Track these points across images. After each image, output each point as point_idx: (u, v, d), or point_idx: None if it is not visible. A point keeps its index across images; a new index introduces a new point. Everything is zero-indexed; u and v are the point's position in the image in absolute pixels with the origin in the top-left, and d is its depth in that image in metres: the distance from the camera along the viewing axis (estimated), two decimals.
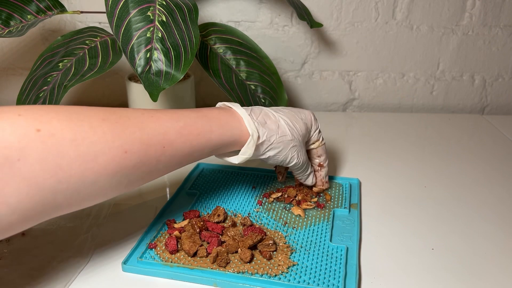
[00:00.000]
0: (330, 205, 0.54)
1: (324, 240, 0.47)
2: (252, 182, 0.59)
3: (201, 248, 0.44)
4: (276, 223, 0.50)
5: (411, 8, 0.82)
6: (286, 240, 0.47)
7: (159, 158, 0.39)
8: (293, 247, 0.46)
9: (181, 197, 0.56)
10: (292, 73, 0.88)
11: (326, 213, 0.52)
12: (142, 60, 0.51)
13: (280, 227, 0.49)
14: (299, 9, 0.71)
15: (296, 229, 0.49)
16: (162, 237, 0.47)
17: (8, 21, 0.58)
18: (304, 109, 0.51)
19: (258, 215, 0.52)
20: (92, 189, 0.35)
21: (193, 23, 0.54)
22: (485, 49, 0.86)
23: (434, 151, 0.72)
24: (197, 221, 0.47)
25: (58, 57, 0.60)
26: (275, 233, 0.48)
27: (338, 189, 0.58)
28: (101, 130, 0.35)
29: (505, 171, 0.65)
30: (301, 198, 0.54)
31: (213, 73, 0.63)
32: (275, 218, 0.51)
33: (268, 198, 0.55)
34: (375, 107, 0.92)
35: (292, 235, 0.48)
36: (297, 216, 0.51)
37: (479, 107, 0.92)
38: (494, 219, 0.53)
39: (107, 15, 0.52)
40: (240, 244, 0.44)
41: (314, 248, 0.46)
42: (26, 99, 0.59)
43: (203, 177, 0.60)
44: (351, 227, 0.50)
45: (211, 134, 0.42)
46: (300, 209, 0.52)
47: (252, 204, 0.54)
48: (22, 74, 0.86)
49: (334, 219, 0.51)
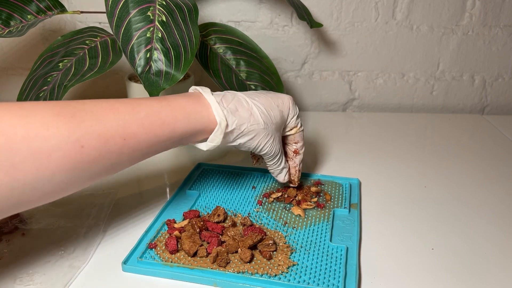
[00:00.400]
0: (330, 205, 0.54)
1: (324, 240, 0.47)
2: (252, 182, 0.60)
3: (201, 248, 0.44)
4: (276, 223, 0.50)
5: (411, 8, 0.82)
6: (286, 240, 0.47)
7: (122, 151, 0.38)
8: (293, 247, 0.46)
9: (181, 197, 0.56)
10: (292, 73, 0.88)
11: (326, 213, 0.52)
12: (142, 60, 0.51)
13: (280, 227, 0.49)
14: (299, 9, 0.71)
15: (296, 229, 0.49)
16: (162, 237, 0.47)
17: (8, 21, 0.58)
18: (283, 94, 0.50)
19: (258, 215, 0.52)
20: (49, 186, 0.34)
21: (193, 23, 0.54)
22: (485, 49, 0.86)
23: (434, 151, 0.72)
24: (197, 221, 0.47)
25: (58, 57, 0.60)
26: (275, 233, 0.48)
27: (338, 189, 0.58)
28: (55, 125, 0.34)
29: (505, 171, 0.65)
30: (301, 198, 0.54)
31: (213, 73, 0.63)
32: (275, 218, 0.51)
33: (268, 198, 0.55)
34: (375, 107, 0.92)
35: (292, 235, 0.48)
36: (297, 216, 0.51)
37: (479, 107, 0.92)
38: (494, 219, 0.53)
39: (107, 15, 0.52)
40: (240, 244, 0.44)
41: (314, 248, 0.46)
42: (26, 99, 0.59)
43: (203, 177, 0.60)
44: (351, 227, 0.50)
45: (175, 123, 0.41)
46: (300, 209, 0.52)
47: (252, 204, 0.54)
48: (22, 74, 0.86)
49: (334, 219, 0.51)
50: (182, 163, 0.67)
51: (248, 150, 0.47)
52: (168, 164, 0.66)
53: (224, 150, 0.71)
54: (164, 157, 0.68)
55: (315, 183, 0.59)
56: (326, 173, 0.63)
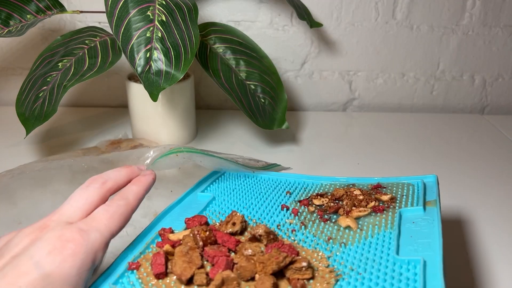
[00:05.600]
0: (394, 207, 0.39)
1: (388, 254, 0.32)
2: (287, 186, 0.46)
3: (199, 272, 0.30)
4: (317, 240, 0.36)
5: (411, 8, 0.82)
6: (330, 263, 0.32)
7: None
8: (339, 271, 0.31)
9: (189, 200, 0.43)
10: (292, 73, 0.88)
11: (389, 216, 0.37)
12: (142, 60, 0.51)
13: (322, 245, 0.35)
14: (299, 9, 0.71)
15: (346, 246, 0.34)
16: (151, 253, 0.34)
17: (8, 21, 0.58)
18: None
19: (290, 229, 0.37)
20: None
21: (193, 23, 0.54)
22: (485, 49, 0.86)
23: (434, 151, 0.72)
24: (202, 231, 0.33)
25: (58, 57, 0.60)
26: (314, 253, 0.34)
27: (407, 188, 0.42)
28: None
29: (505, 171, 0.65)
30: (350, 205, 0.40)
31: (213, 73, 0.63)
32: (315, 233, 0.37)
33: (308, 207, 0.41)
34: (375, 107, 0.91)
35: (339, 255, 0.33)
36: (346, 228, 0.37)
37: (479, 107, 0.92)
38: (494, 219, 0.53)
39: (107, 15, 0.52)
40: (259, 268, 0.30)
41: (372, 269, 0.31)
42: (25, 99, 0.59)
43: (224, 179, 0.48)
44: (429, 230, 0.34)
45: None
46: (350, 219, 0.38)
47: (284, 214, 0.40)
48: (21, 74, 0.86)
49: (402, 223, 0.36)
50: None
51: None
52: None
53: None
54: None
55: (374, 187, 0.43)
56: (326, 174, 0.63)
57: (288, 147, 0.71)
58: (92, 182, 0.33)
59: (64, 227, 0.29)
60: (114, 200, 0.32)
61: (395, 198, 0.40)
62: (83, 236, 0.28)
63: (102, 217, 0.31)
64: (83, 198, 0.31)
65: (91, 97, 0.88)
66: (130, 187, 0.34)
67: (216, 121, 0.81)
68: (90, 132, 0.75)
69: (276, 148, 0.71)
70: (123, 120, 0.80)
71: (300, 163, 0.66)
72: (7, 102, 0.87)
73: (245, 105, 0.63)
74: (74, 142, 0.71)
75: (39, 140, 0.71)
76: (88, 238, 0.29)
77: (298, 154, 0.69)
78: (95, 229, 0.29)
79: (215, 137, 0.74)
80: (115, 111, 0.84)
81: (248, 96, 0.64)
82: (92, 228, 0.29)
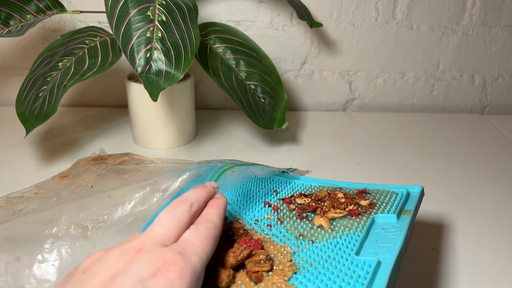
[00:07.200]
0: (370, 212, 0.40)
1: (348, 254, 0.34)
2: (276, 185, 0.47)
3: None
4: (289, 235, 0.37)
5: (411, 8, 0.82)
6: (293, 257, 0.34)
7: None
8: (299, 266, 0.33)
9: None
10: (292, 73, 0.88)
11: (363, 221, 0.38)
12: (142, 60, 0.51)
13: (291, 240, 0.37)
14: (299, 9, 0.71)
15: (313, 243, 0.36)
16: None
17: (8, 21, 0.58)
18: None
19: (267, 223, 0.39)
20: None
21: (193, 23, 0.54)
22: (485, 49, 0.86)
23: (434, 151, 0.72)
24: None
25: (58, 57, 0.60)
26: (282, 248, 0.36)
27: (390, 196, 0.43)
28: None
29: (505, 171, 0.65)
30: (329, 206, 0.41)
31: (213, 73, 0.63)
32: (289, 229, 0.38)
33: (289, 205, 0.42)
34: (375, 107, 0.91)
35: (304, 251, 0.35)
36: (319, 227, 0.38)
37: (479, 107, 0.92)
38: (494, 219, 0.53)
39: (107, 15, 0.52)
40: (219, 262, 0.32)
41: (330, 266, 0.32)
42: (25, 98, 0.59)
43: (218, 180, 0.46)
44: (396, 236, 0.35)
45: None
46: (324, 218, 0.39)
47: (265, 210, 0.41)
48: (21, 74, 0.86)
49: (373, 228, 0.37)
50: None
51: None
52: None
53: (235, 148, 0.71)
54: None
55: (359, 192, 0.44)
56: (326, 174, 0.63)
57: (288, 147, 0.71)
58: (179, 205, 0.31)
59: (163, 250, 0.27)
60: (202, 223, 0.31)
61: (375, 204, 0.41)
62: (185, 260, 0.27)
63: (196, 241, 0.29)
64: (174, 221, 0.30)
65: (91, 97, 0.88)
66: (211, 210, 0.33)
67: (216, 121, 0.81)
68: (90, 132, 0.75)
69: (276, 148, 0.71)
70: (123, 120, 0.80)
71: (300, 163, 0.66)
72: (7, 102, 0.87)
73: (245, 105, 0.63)
74: (74, 142, 0.71)
75: (39, 140, 0.71)
76: (190, 262, 0.27)
77: (298, 154, 0.69)
78: (194, 253, 0.28)
79: (215, 137, 0.74)
80: (115, 111, 0.84)
81: (248, 96, 0.64)
82: (190, 252, 0.28)
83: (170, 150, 0.69)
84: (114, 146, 0.70)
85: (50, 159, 0.65)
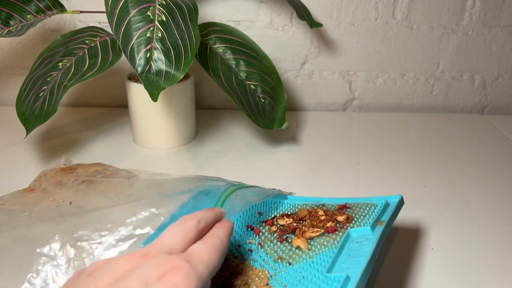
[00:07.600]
0: (346, 227, 0.40)
1: (321, 272, 0.34)
2: (260, 207, 0.46)
3: None
4: (268, 259, 0.38)
5: (411, 8, 0.82)
6: (269, 281, 0.35)
7: None
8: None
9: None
10: (292, 73, 0.88)
11: (338, 236, 0.38)
12: (142, 60, 0.51)
13: (270, 264, 0.37)
14: (299, 9, 0.71)
15: (291, 265, 0.37)
16: None
17: (8, 21, 0.58)
18: None
19: (247, 249, 0.40)
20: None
21: (193, 23, 0.54)
22: (485, 49, 0.86)
23: (434, 151, 0.72)
24: None
25: (58, 57, 0.60)
26: (260, 272, 0.36)
27: (368, 208, 0.43)
28: None
29: (505, 171, 0.65)
30: (308, 225, 0.41)
31: (213, 73, 0.63)
32: (269, 252, 0.39)
33: (271, 227, 0.42)
34: (375, 107, 0.92)
35: (281, 273, 0.36)
36: (297, 248, 0.38)
37: (479, 107, 0.92)
38: (494, 219, 0.53)
39: (107, 15, 0.52)
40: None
41: (302, 286, 0.34)
42: (25, 99, 0.59)
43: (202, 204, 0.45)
44: (367, 249, 0.35)
45: None
46: (302, 239, 0.39)
47: (247, 234, 0.42)
48: (21, 74, 0.86)
49: (347, 242, 0.38)
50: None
51: None
52: None
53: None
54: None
55: (340, 207, 0.44)
56: (326, 174, 0.63)
57: (288, 147, 0.71)
58: (187, 220, 0.32)
59: (169, 256, 0.28)
60: (209, 239, 0.31)
61: (352, 218, 0.41)
62: (191, 266, 0.27)
63: (203, 252, 0.29)
64: (182, 233, 0.30)
65: (91, 97, 0.88)
66: (218, 229, 0.33)
67: (216, 121, 0.81)
68: (90, 132, 0.75)
69: (276, 148, 0.71)
70: (123, 120, 0.80)
71: (300, 163, 0.66)
72: (7, 102, 0.87)
73: (245, 105, 0.63)
74: (74, 142, 0.71)
75: (39, 140, 0.71)
76: (196, 269, 0.27)
77: (298, 154, 0.69)
78: (200, 262, 0.28)
79: (215, 137, 0.74)
80: (115, 111, 0.84)
81: (248, 96, 0.64)
82: (197, 261, 0.28)
83: (170, 150, 0.69)
84: (114, 146, 0.70)
85: (50, 159, 0.65)
